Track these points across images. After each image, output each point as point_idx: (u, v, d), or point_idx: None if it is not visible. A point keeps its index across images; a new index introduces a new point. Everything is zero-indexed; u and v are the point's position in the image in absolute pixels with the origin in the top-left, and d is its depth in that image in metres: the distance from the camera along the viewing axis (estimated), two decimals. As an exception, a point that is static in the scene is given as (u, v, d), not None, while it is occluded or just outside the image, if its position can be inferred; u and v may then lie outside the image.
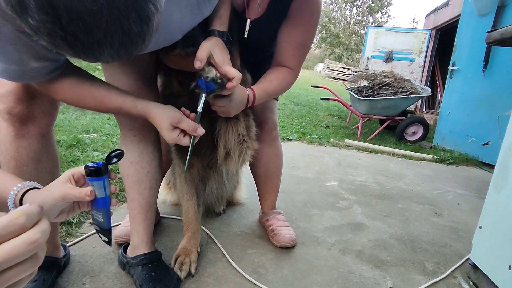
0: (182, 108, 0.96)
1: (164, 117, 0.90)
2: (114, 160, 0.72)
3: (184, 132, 0.93)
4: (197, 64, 0.90)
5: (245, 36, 1.10)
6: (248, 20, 1.09)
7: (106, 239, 0.74)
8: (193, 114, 0.95)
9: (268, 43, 1.31)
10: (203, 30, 0.97)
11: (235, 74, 0.93)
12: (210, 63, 0.94)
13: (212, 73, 0.90)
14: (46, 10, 0.47)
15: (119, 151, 0.73)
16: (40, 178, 0.76)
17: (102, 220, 0.71)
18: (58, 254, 1.11)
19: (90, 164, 0.67)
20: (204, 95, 0.92)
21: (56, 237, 1.11)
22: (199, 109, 0.93)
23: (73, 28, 0.50)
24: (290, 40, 1.21)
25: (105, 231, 0.72)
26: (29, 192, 0.64)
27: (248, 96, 1.13)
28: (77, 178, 0.68)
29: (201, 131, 0.93)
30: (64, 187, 0.64)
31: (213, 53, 0.93)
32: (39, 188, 0.67)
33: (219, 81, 0.91)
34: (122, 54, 0.57)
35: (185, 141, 0.93)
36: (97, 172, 0.67)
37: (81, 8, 0.48)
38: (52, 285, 1.03)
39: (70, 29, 0.50)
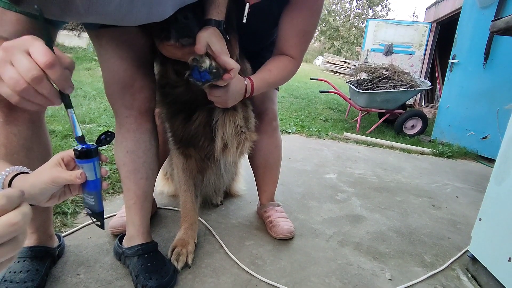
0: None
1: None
2: (104, 141, 0.70)
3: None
4: (190, 60, 0.88)
5: (244, 21, 1.06)
6: (247, 4, 1.05)
7: (99, 223, 0.71)
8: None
9: (269, 29, 1.27)
10: (198, 20, 0.93)
11: (233, 65, 0.90)
12: (207, 53, 0.90)
13: (205, 63, 0.87)
14: None
15: (109, 133, 0.70)
16: (31, 166, 0.73)
17: (93, 203, 0.68)
18: (52, 244, 1.09)
19: (79, 147, 0.65)
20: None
21: (49, 226, 1.09)
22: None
23: None
24: (292, 27, 1.17)
25: (97, 214, 0.70)
26: (18, 176, 0.61)
27: (246, 86, 1.10)
28: (66, 161, 0.65)
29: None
30: (54, 170, 0.62)
31: (210, 43, 0.90)
32: (28, 173, 0.64)
33: (214, 71, 0.88)
34: None
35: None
36: (86, 154, 0.65)
37: None
38: (45, 275, 1.01)
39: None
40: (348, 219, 1.70)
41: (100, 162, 0.68)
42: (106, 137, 0.70)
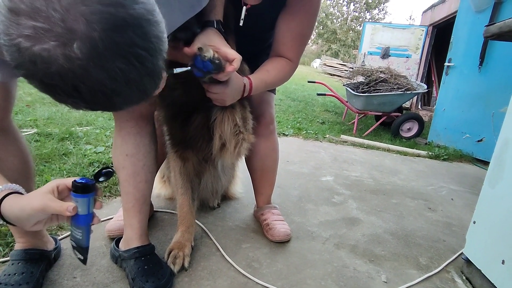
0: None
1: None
2: (103, 178, 0.69)
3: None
4: (196, 48, 0.88)
5: (241, 24, 1.07)
6: (244, 8, 1.06)
7: (82, 257, 0.71)
8: None
9: (265, 32, 1.28)
10: (196, 17, 0.94)
11: (235, 55, 0.90)
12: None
13: (209, 53, 0.87)
14: (71, 94, 0.50)
15: (109, 169, 0.70)
16: (6, 176, 0.72)
17: (80, 237, 0.68)
18: (47, 247, 1.09)
19: (78, 180, 0.65)
20: (189, 67, 0.89)
21: (42, 230, 1.08)
22: (176, 70, 0.88)
23: (96, 100, 0.53)
24: (289, 30, 1.18)
25: (82, 249, 0.69)
26: (10, 195, 0.61)
27: (245, 85, 1.10)
28: (61, 189, 0.65)
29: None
30: (45, 197, 0.61)
31: (210, 41, 0.91)
32: (22, 193, 0.64)
33: (216, 61, 0.88)
34: (140, 102, 0.61)
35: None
36: (83, 189, 0.65)
37: (102, 88, 0.51)
38: (41, 278, 1.01)
39: (92, 101, 0.53)
40: (344, 221, 1.71)
41: (96, 196, 0.68)
42: (106, 174, 0.70)
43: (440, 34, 6.61)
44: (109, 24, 0.46)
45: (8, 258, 1.05)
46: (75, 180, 0.65)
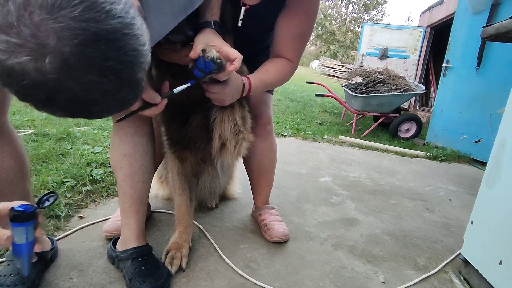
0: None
1: None
2: (47, 203, 0.68)
3: None
4: (199, 49, 0.88)
5: (239, 25, 1.07)
6: (243, 8, 1.06)
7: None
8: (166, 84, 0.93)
9: (264, 33, 1.28)
10: (188, 18, 0.94)
11: (236, 54, 0.90)
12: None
13: (212, 53, 0.87)
14: (47, 104, 0.53)
15: (53, 194, 0.69)
16: (1, 176, 0.71)
17: (19, 266, 0.66)
18: (44, 247, 1.08)
19: (17, 207, 0.62)
20: (189, 84, 0.91)
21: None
22: (176, 90, 0.91)
23: (72, 109, 0.55)
24: (288, 31, 1.18)
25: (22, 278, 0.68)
26: None
27: (244, 85, 1.10)
28: (3, 215, 0.63)
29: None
30: None
31: (210, 41, 0.91)
32: None
33: (218, 61, 0.88)
34: (121, 110, 0.63)
35: None
36: (20, 218, 0.62)
37: (77, 98, 0.52)
38: (37, 279, 1.00)
39: (70, 110, 0.56)
40: (342, 222, 1.71)
41: (37, 223, 0.66)
42: (49, 198, 0.68)
43: (438, 35, 6.64)
44: (81, 39, 0.47)
45: (4, 259, 1.04)
46: (12, 208, 0.62)
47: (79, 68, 0.49)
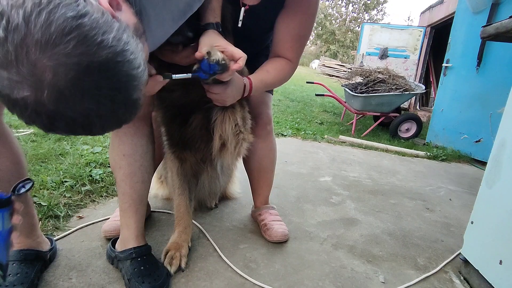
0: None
1: None
2: (22, 190, 0.68)
3: None
4: (204, 51, 0.89)
5: (239, 25, 1.07)
6: (242, 9, 1.06)
7: (1, 273, 0.68)
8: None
9: (264, 33, 1.28)
10: (188, 20, 0.95)
11: (241, 54, 0.92)
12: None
13: (217, 55, 0.88)
14: (50, 128, 0.56)
15: (28, 181, 0.69)
16: None
17: None
18: (42, 247, 1.08)
19: None
20: (189, 74, 0.91)
21: (34, 230, 1.07)
22: (174, 76, 0.90)
23: (73, 131, 0.59)
24: (288, 31, 1.18)
25: (0, 265, 0.67)
26: None
27: (245, 85, 1.10)
28: None
29: None
30: None
31: (214, 42, 0.92)
32: None
33: (222, 62, 0.89)
34: (120, 126, 0.65)
35: None
36: None
37: (76, 123, 0.56)
38: (36, 279, 1.00)
39: (71, 131, 0.59)
40: (342, 222, 1.71)
41: (13, 211, 0.66)
42: (24, 186, 0.68)
43: (438, 35, 6.63)
44: (74, 73, 0.51)
45: (3, 259, 1.04)
46: None
47: (75, 98, 0.53)
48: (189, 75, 0.91)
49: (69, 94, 0.52)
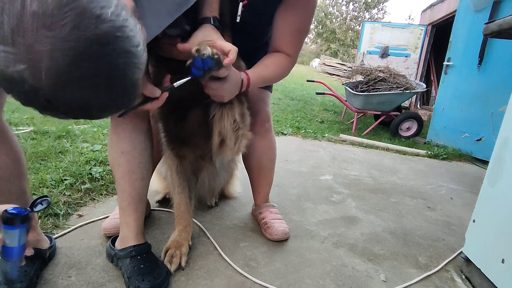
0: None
1: None
2: (39, 207, 0.67)
3: None
4: (193, 49, 0.87)
5: (237, 20, 1.06)
6: (241, 4, 1.05)
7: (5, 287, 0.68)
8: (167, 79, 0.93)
9: (262, 28, 1.27)
10: (185, 13, 0.93)
11: (230, 47, 0.90)
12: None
13: (207, 50, 0.87)
14: (47, 108, 0.54)
15: (46, 199, 0.69)
16: None
17: (8, 269, 0.65)
18: (42, 245, 1.08)
19: (10, 210, 0.62)
20: (189, 77, 0.90)
21: (35, 228, 1.06)
22: (176, 84, 0.90)
23: (73, 113, 0.58)
24: (286, 26, 1.17)
25: (7, 280, 0.67)
26: None
27: (242, 80, 1.09)
28: None
29: None
30: None
31: (206, 37, 0.91)
32: None
33: (216, 57, 0.87)
34: (121, 110, 0.66)
35: None
36: (13, 221, 0.62)
37: (74, 105, 0.54)
38: (35, 277, 0.99)
39: (70, 114, 0.58)
40: (343, 220, 1.70)
41: (29, 227, 0.66)
42: (42, 202, 0.68)
43: (439, 34, 6.61)
44: (71, 59, 0.49)
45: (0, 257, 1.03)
46: (5, 210, 0.62)
47: (72, 85, 0.51)
48: (189, 77, 0.90)
49: (66, 80, 0.50)
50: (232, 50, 0.90)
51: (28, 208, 0.66)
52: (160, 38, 0.95)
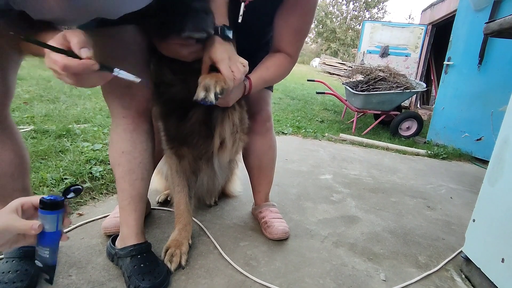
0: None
1: None
2: (72, 194, 0.69)
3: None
4: (201, 92, 0.94)
5: (239, 21, 1.06)
6: (243, 4, 1.05)
7: (48, 277, 0.69)
8: None
9: (263, 28, 1.27)
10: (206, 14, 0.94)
11: (241, 76, 0.97)
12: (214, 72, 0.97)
13: (211, 96, 0.92)
14: None
15: (78, 186, 0.70)
16: (1, 170, 0.71)
17: (47, 256, 0.66)
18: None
19: (47, 197, 0.64)
20: (136, 80, 0.90)
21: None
22: (120, 73, 0.75)
23: None
24: (287, 26, 1.18)
25: (48, 268, 0.67)
26: None
27: (245, 86, 1.12)
28: (26, 208, 0.64)
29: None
30: (8, 217, 0.61)
31: (216, 56, 0.95)
32: None
33: (219, 96, 0.94)
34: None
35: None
36: (52, 206, 0.64)
37: None
38: (36, 276, 0.99)
39: None
40: (343, 220, 1.70)
41: (65, 213, 0.67)
42: (75, 191, 0.70)
43: (440, 33, 6.61)
44: None
45: (2, 256, 1.04)
46: (43, 197, 0.64)
47: None
48: (138, 80, 0.76)
49: None
50: (237, 78, 0.97)
51: (62, 196, 0.67)
52: (169, 38, 0.95)
